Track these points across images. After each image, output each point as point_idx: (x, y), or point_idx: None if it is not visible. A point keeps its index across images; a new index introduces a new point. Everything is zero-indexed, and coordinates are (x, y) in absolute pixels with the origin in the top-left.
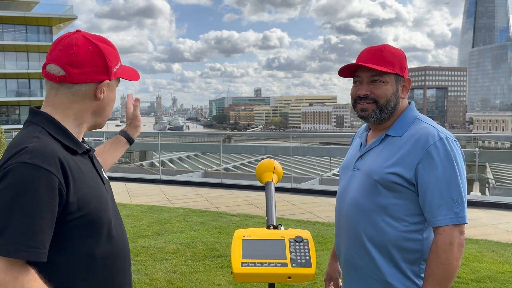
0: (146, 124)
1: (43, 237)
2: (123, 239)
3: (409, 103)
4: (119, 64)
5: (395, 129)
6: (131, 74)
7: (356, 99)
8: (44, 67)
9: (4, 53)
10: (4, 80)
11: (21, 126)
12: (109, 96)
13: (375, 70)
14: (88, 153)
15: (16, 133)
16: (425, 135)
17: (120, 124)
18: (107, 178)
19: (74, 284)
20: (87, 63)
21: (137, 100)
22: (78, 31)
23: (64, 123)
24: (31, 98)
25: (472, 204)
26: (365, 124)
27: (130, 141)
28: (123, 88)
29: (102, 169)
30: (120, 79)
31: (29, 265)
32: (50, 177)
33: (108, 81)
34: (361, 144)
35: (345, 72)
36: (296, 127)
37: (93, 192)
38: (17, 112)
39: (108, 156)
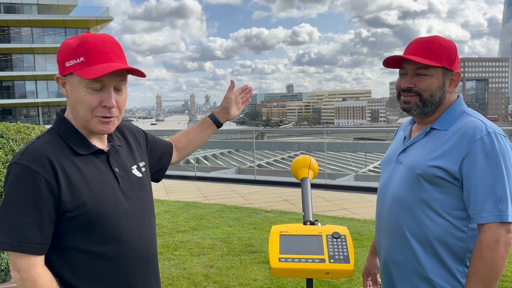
0: (181, 122)
1: (28, 232)
2: (135, 240)
3: (458, 96)
4: (79, 59)
5: (441, 123)
6: (94, 70)
7: (400, 91)
8: None
9: (45, 55)
10: (45, 81)
11: None
12: (72, 94)
13: (420, 63)
14: (105, 153)
15: None
16: (472, 129)
17: (156, 123)
18: (139, 175)
19: (70, 280)
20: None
21: (232, 82)
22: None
23: (73, 122)
24: None
25: None
26: (409, 118)
27: (217, 123)
28: (158, 88)
29: (132, 167)
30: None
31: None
32: (36, 177)
33: (59, 76)
34: (405, 138)
35: (390, 63)
36: (330, 123)
37: (94, 193)
38: None
39: (194, 138)
